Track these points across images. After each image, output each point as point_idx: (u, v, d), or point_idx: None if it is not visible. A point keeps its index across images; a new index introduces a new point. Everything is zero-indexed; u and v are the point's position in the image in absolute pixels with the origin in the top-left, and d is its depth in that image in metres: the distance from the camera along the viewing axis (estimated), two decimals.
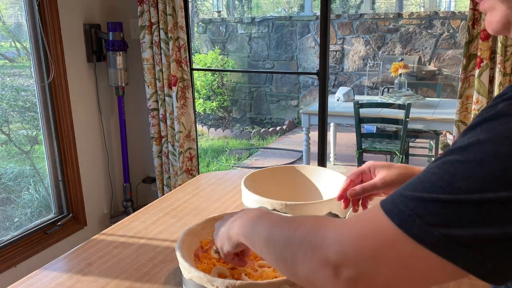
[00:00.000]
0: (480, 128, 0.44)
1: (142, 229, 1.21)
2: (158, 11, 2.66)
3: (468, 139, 0.44)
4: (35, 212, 2.76)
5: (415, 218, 0.43)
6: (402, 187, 0.48)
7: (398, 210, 0.45)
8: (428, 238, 0.42)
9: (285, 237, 0.57)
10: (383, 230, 0.46)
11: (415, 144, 5.11)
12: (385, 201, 0.48)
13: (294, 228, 0.56)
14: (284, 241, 0.57)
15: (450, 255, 0.42)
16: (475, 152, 0.42)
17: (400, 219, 0.45)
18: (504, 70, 2.09)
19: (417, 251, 0.43)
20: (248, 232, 0.69)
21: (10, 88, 2.71)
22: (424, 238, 0.43)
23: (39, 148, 2.79)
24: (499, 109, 0.43)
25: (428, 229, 0.42)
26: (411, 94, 4.13)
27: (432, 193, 0.43)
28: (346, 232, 0.49)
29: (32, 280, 0.99)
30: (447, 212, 0.42)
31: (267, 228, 0.63)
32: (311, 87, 6.83)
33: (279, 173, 1.39)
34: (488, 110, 0.44)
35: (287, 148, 5.80)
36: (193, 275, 0.82)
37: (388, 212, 0.46)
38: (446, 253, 0.42)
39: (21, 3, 2.52)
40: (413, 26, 6.06)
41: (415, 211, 0.44)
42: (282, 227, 0.60)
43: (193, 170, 2.93)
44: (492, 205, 0.40)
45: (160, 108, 2.84)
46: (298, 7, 8.21)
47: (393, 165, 0.95)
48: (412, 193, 0.45)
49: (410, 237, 0.44)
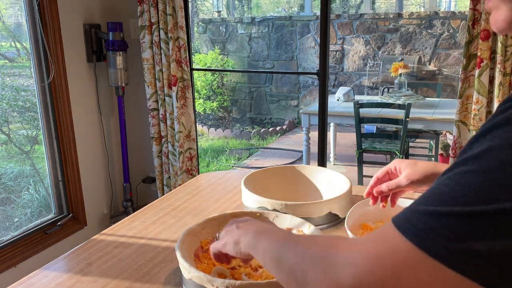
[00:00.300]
0: (491, 135, 0.42)
1: (142, 229, 1.21)
2: (158, 11, 2.66)
3: (479, 147, 0.43)
4: (35, 212, 2.76)
5: (429, 233, 0.42)
6: (415, 201, 0.46)
7: (411, 225, 0.44)
8: (443, 253, 0.41)
9: (296, 255, 0.56)
10: (398, 248, 0.44)
11: (415, 144, 5.11)
12: (397, 217, 0.47)
13: (307, 246, 0.55)
14: (296, 259, 0.55)
15: (466, 270, 0.40)
16: (489, 160, 0.41)
17: (414, 235, 0.43)
18: (504, 70, 2.09)
19: (434, 267, 0.41)
20: (260, 245, 0.67)
21: (10, 88, 2.71)
22: (439, 253, 0.41)
23: (39, 148, 2.79)
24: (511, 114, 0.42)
25: (443, 244, 0.41)
26: (411, 94, 4.13)
27: (446, 205, 0.42)
28: (360, 253, 0.47)
29: (32, 280, 0.99)
30: (462, 225, 0.40)
31: (279, 243, 0.62)
32: (311, 87, 6.83)
33: (279, 173, 1.39)
34: (497, 115, 0.43)
35: (287, 148, 5.80)
36: (193, 275, 0.82)
37: (401, 228, 0.45)
38: (462, 268, 0.40)
39: (21, 3, 2.52)
40: (413, 26, 6.06)
41: (429, 225, 0.42)
42: (295, 244, 0.58)
43: (193, 170, 2.93)
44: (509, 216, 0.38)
45: (160, 108, 2.84)
46: (298, 7, 8.21)
47: (418, 163, 0.96)
48: (425, 207, 0.44)
49: (425, 253, 0.42)
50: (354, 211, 1.07)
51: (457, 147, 2.31)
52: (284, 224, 1.03)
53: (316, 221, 1.13)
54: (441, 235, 0.41)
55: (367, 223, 1.10)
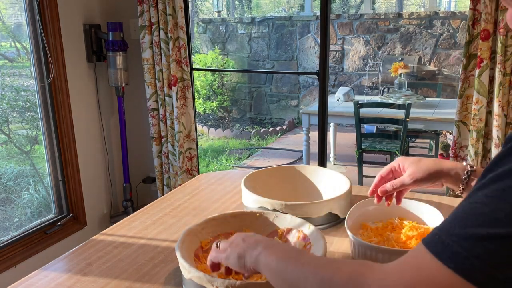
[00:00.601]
0: None
1: (142, 229, 1.21)
2: (158, 11, 2.66)
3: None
4: (35, 212, 2.76)
5: (474, 261, 0.37)
6: (447, 222, 0.42)
7: (450, 252, 0.39)
8: (493, 284, 0.36)
9: (319, 283, 0.51)
10: (436, 278, 0.39)
11: (415, 144, 5.11)
12: (431, 242, 0.42)
13: (330, 273, 0.50)
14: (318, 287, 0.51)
15: None
16: None
17: (455, 263, 0.38)
18: (504, 70, 2.09)
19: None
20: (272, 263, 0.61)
21: (10, 88, 2.72)
22: (488, 284, 0.36)
23: (39, 148, 2.79)
24: None
25: (491, 272, 0.36)
26: (411, 94, 4.13)
27: (489, 227, 0.37)
28: (392, 283, 0.42)
29: (32, 280, 0.99)
30: (508, 249, 0.36)
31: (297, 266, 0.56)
32: (311, 87, 6.83)
33: (279, 173, 1.39)
34: None
35: (287, 148, 5.79)
36: (193, 275, 0.82)
37: (439, 255, 0.40)
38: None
39: (21, 3, 2.51)
40: (413, 26, 6.06)
41: (473, 252, 0.37)
42: (315, 269, 0.53)
43: (193, 170, 2.93)
44: None
45: (160, 108, 2.84)
46: (298, 7, 8.21)
47: (422, 160, 0.95)
48: (463, 230, 0.39)
49: (471, 283, 0.37)
50: (354, 211, 1.07)
51: (457, 147, 2.31)
52: (284, 224, 1.03)
53: (316, 221, 1.13)
54: (488, 262, 0.36)
55: (367, 223, 1.10)
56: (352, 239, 0.98)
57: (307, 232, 0.98)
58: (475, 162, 2.21)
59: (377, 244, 0.99)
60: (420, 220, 1.09)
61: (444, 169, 0.91)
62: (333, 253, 1.05)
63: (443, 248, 0.40)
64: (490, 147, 2.22)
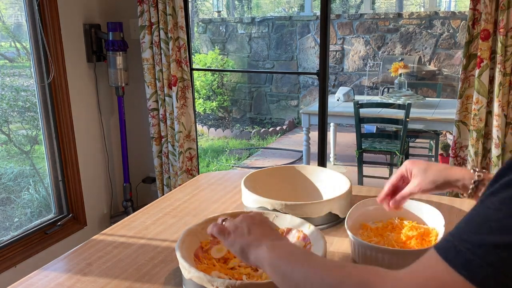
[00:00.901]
0: None
1: (142, 229, 1.21)
2: (158, 11, 2.66)
3: None
4: (35, 212, 2.76)
5: (487, 269, 0.36)
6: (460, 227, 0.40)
7: (463, 259, 0.38)
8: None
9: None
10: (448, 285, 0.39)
11: (415, 144, 5.11)
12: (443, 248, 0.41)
13: (339, 279, 0.49)
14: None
15: None
16: None
17: (467, 270, 0.37)
18: (504, 70, 2.09)
19: None
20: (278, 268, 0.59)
21: (10, 88, 2.72)
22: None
23: (39, 148, 2.79)
24: None
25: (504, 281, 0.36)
26: (411, 94, 4.13)
27: (504, 234, 0.36)
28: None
29: (32, 280, 0.99)
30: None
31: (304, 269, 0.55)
32: (311, 87, 6.83)
33: (279, 173, 1.39)
34: None
35: (287, 148, 5.80)
36: (193, 275, 0.82)
37: (452, 262, 0.39)
38: None
39: (21, 3, 2.51)
40: (413, 26, 6.06)
41: (487, 260, 0.37)
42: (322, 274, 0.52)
43: (193, 170, 2.93)
44: None
45: (160, 108, 2.84)
46: (298, 7, 8.21)
47: (428, 169, 0.94)
48: (477, 236, 0.38)
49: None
50: (354, 211, 1.07)
51: (457, 147, 2.31)
52: (284, 224, 1.03)
53: (316, 221, 1.13)
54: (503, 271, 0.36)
55: (367, 223, 1.10)
56: (352, 239, 0.98)
57: (307, 232, 0.98)
58: (475, 162, 2.21)
59: (377, 244, 0.99)
60: (420, 220, 1.09)
61: (452, 180, 0.91)
62: (333, 253, 1.05)
63: (455, 255, 0.39)
64: (490, 147, 2.22)
